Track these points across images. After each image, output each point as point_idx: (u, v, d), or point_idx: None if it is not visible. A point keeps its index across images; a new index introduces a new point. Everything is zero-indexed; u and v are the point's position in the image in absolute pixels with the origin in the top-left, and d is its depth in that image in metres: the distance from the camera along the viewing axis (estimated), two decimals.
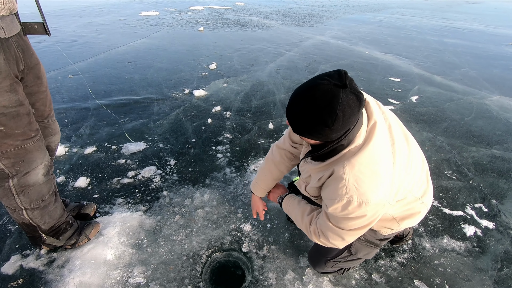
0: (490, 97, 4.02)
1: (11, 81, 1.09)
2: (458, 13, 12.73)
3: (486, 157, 2.66)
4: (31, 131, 1.22)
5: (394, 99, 3.72)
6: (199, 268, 1.56)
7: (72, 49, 4.96)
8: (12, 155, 1.19)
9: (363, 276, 1.56)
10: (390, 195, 0.95)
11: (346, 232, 1.02)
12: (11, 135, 1.15)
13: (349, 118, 0.82)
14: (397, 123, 1.06)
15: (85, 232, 1.61)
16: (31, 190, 1.31)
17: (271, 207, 1.97)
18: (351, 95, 0.80)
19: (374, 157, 0.91)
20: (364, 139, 0.93)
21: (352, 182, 0.91)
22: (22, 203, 1.32)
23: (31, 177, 1.28)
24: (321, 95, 0.80)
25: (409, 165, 1.01)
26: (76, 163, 2.28)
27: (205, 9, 9.70)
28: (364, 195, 0.90)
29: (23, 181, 1.27)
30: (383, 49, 6.06)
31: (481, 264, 1.68)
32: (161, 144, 2.56)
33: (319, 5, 12.36)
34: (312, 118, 0.82)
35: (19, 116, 1.15)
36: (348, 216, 0.96)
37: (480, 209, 2.07)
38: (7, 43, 1.08)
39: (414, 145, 1.08)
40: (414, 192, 1.08)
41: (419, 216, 1.17)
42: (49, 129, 1.48)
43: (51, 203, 1.45)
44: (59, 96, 3.32)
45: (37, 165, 1.29)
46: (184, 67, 4.44)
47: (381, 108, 1.05)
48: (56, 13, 7.77)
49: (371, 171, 0.91)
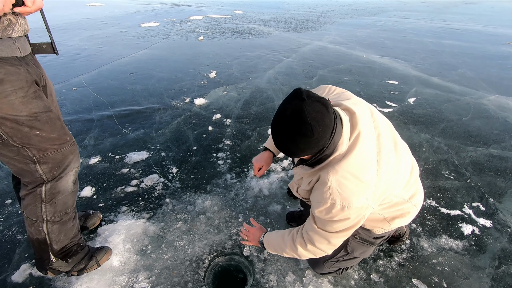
0: (487, 97, 4.05)
1: (35, 88, 1.15)
2: (455, 14, 12.82)
3: (483, 157, 2.69)
4: (65, 135, 1.27)
5: (391, 102, 3.78)
6: (202, 272, 1.60)
7: (75, 62, 5.08)
8: (50, 160, 1.22)
9: (362, 276, 1.59)
10: (373, 200, 1.01)
11: (331, 234, 1.07)
12: (48, 139, 1.19)
13: (323, 121, 0.88)
14: (388, 131, 1.11)
15: (96, 257, 1.56)
16: (58, 199, 1.33)
17: (271, 211, 2.02)
18: (313, 103, 0.87)
19: (357, 164, 0.98)
20: (348, 148, 1.00)
21: (335, 187, 0.97)
22: (46, 213, 1.32)
23: (63, 183, 1.30)
24: (291, 119, 0.88)
25: (396, 171, 1.06)
26: (81, 174, 2.35)
27: (204, 18, 9.87)
28: (346, 199, 0.97)
29: (55, 186, 1.29)
30: (381, 53, 6.14)
31: (478, 262, 1.70)
32: (163, 152, 2.63)
33: (317, 11, 12.52)
34: (295, 140, 0.90)
35: (52, 121, 1.20)
36: (332, 219, 1.02)
37: (477, 208, 2.10)
38: (24, 60, 1.15)
39: (404, 152, 1.13)
40: (401, 195, 1.14)
41: (410, 216, 1.22)
42: None
43: (71, 219, 1.45)
44: (64, 108, 3.41)
45: (70, 170, 1.31)
46: (185, 76, 4.53)
47: (373, 115, 1.10)
48: (60, 27, 7.95)
49: (353, 177, 0.97)
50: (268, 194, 2.16)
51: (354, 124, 1.02)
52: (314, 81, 4.46)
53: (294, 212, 1.92)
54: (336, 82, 4.40)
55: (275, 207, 2.04)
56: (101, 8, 12.05)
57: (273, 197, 2.13)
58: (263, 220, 1.94)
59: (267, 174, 2.36)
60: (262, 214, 1.99)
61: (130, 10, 11.52)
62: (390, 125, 1.18)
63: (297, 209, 1.97)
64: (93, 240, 1.77)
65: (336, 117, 0.95)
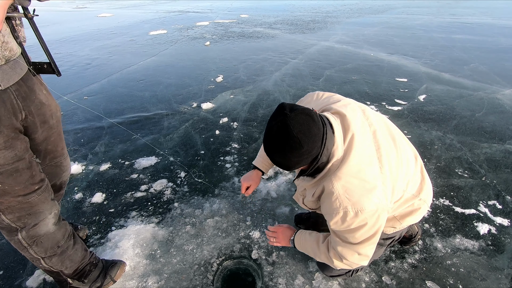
0: (502, 91, 3.93)
1: (5, 138, 1.03)
2: (466, 8, 12.52)
3: (499, 153, 2.60)
4: (33, 184, 1.15)
5: (401, 100, 3.70)
6: (211, 276, 1.60)
7: (86, 72, 5.22)
8: (16, 210, 1.14)
9: (373, 278, 1.55)
10: (386, 198, 0.97)
11: (357, 245, 1.03)
12: (11, 192, 1.09)
13: (310, 132, 0.88)
14: (383, 127, 1.09)
15: (110, 274, 1.52)
16: (43, 239, 1.25)
17: (279, 213, 2.00)
18: (297, 116, 0.88)
19: (357, 166, 0.96)
20: (344, 152, 0.98)
21: (343, 194, 0.95)
22: (37, 253, 1.27)
23: (41, 228, 1.23)
24: (277, 135, 0.89)
25: (399, 165, 1.04)
26: (92, 180, 2.40)
27: (211, 24, 9.98)
28: (357, 203, 0.94)
29: (33, 233, 1.21)
30: (389, 50, 6.04)
31: (496, 262, 1.64)
32: (171, 157, 2.65)
33: (323, 11, 12.47)
34: (286, 155, 0.90)
35: (18, 172, 1.09)
36: (350, 227, 0.99)
37: (494, 206, 2.03)
38: (3, 95, 1.02)
39: (403, 145, 1.10)
40: (409, 190, 1.11)
41: (420, 213, 1.19)
42: (61, 167, 1.46)
43: (70, 247, 1.39)
44: (76, 117, 3.50)
45: (45, 216, 1.23)
46: (192, 81, 4.58)
47: (365, 114, 1.08)
48: (71, 38, 8.20)
49: (358, 180, 0.95)
50: (276, 197, 2.14)
51: (346, 127, 1.00)
52: (321, 81, 4.43)
53: (302, 214, 1.90)
54: (343, 82, 4.35)
55: (283, 209, 2.02)
56: (111, 18, 12.36)
57: (281, 199, 2.12)
58: (271, 223, 1.93)
59: (275, 177, 2.35)
60: (270, 217, 1.98)
61: (138, 19, 11.78)
62: (385, 120, 1.16)
63: (306, 211, 1.95)
64: (104, 245, 1.80)
65: (325, 124, 0.94)
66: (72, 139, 3.02)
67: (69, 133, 3.14)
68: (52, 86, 4.59)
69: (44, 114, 1.24)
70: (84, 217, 2.03)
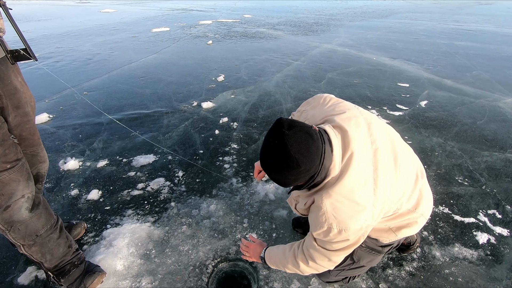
0: (503, 99, 3.91)
1: None
2: (469, 15, 12.52)
3: (500, 162, 2.58)
4: (6, 162, 1.15)
5: (402, 105, 3.69)
6: (205, 278, 1.58)
7: (87, 67, 5.19)
8: None
9: (370, 285, 1.53)
10: (372, 218, 0.98)
11: (331, 252, 1.06)
12: None
13: (308, 151, 0.86)
14: (387, 143, 1.06)
15: (85, 282, 1.47)
16: (20, 226, 1.25)
17: (277, 216, 1.98)
18: (296, 134, 0.86)
19: (351, 187, 0.95)
20: (341, 170, 0.97)
21: (330, 211, 0.95)
22: (15, 239, 1.28)
23: (14, 212, 1.22)
24: (274, 154, 0.87)
25: (396, 187, 1.03)
26: (89, 177, 2.38)
27: (214, 23, 9.97)
28: (343, 222, 0.95)
29: (6, 216, 1.21)
30: (391, 55, 6.03)
31: (495, 273, 1.62)
32: (170, 156, 2.63)
33: (327, 14, 12.46)
34: (283, 173, 0.90)
35: None
36: (331, 241, 1.01)
37: (493, 215, 2.01)
38: None
39: (404, 164, 1.06)
40: (405, 206, 1.10)
41: (417, 226, 1.17)
42: (38, 157, 1.45)
43: (52, 240, 1.38)
44: (75, 112, 3.48)
45: (17, 198, 1.21)
46: (193, 80, 4.56)
47: (371, 129, 1.04)
48: (74, 33, 8.18)
49: (348, 200, 0.95)
50: (274, 199, 2.12)
51: (346, 144, 0.98)
52: (323, 84, 4.41)
53: (300, 217, 1.88)
54: (345, 85, 4.34)
55: (281, 212, 2.00)
56: (114, 14, 12.35)
57: (279, 202, 2.10)
58: (269, 225, 1.91)
59: None
60: (267, 219, 1.95)
61: (141, 15, 11.76)
62: (391, 134, 1.12)
63: None
64: (98, 243, 1.77)
65: (324, 142, 0.92)
66: (70, 135, 2.99)
67: (67, 128, 3.12)
68: (52, 80, 4.53)
69: (19, 100, 1.25)
70: (79, 214, 2.01)
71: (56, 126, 3.16)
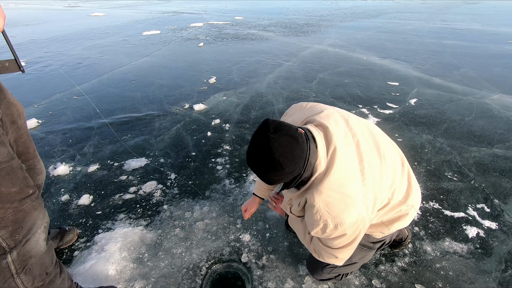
0: (490, 96, 4.00)
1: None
2: (457, 14, 12.77)
3: (487, 157, 2.64)
4: (28, 187, 1.05)
5: (392, 103, 3.74)
6: (199, 280, 1.57)
7: (77, 71, 5.13)
8: (9, 222, 0.99)
9: (363, 282, 1.55)
10: (367, 209, 0.99)
11: (335, 250, 1.09)
12: (7, 195, 0.98)
13: (292, 154, 0.88)
14: (367, 136, 1.08)
15: None
16: (33, 264, 1.10)
17: (270, 216, 1.98)
18: (280, 137, 0.88)
19: (339, 180, 0.97)
20: (327, 165, 0.99)
21: (323, 207, 0.97)
22: (23, 284, 1.08)
23: (32, 245, 1.08)
24: (259, 157, 0.90)
25: (384, 175, 1.04)
26: (80, 182, 2.35)
27: (205, 25, 9.96)
28: (337, 217, 0.97)
29: (24, 252, 1.05)
30: (381, 54, 6.11)
31: (484, 265, 1.65)
32: (162, 159, 2.62)
33: (317, 15, 12.56)
34: (268, 175, 0.92)
35: (14, 172, 1.00)
36: (329, 237, 1.03)
37: (482, 209, 2.05)
38: None
39: (388, 152, 1.09)
40: (396, 197, 1.11)
41: (408, 218, 1.19)
42: (35, 169, 1.37)
43: (57, 276, 1.22)
44: (64, 117, 3.43)
45: (37, 228, 1.09)
46: (185, 82, 4.54)
47: (349, 124, 1.07)
48: (62, 37, 8.08)
49: (339, 194, 0.96)
50: (267, 200, 2.12)
51: (329, 139, 1.00)
52: (314, 84, 4.44)
53: None
54: (336, 85, 4.38)
55: (273, 212, 2.01)
56: (104, 18, 12.24)
57: None
58: (262, 225, 1.91)
59: None
60: (260, 220, 1.96)
61: (132, 19, 11.68)
62: (370, 127, 1.15)
63: None
64: (90, 248, 1.75)
65: (308, 140, 0.94)
66: (60, 140, 2.95)
67: (57, 133, 3.08)
68: (41, 85, 4.47)
69: (12, 114, 1.18)
70: (70, 220, 1.98)
71: (46, 132, 3.11)
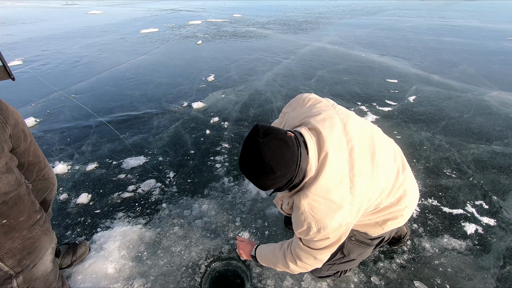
0: (489, 93, 4.00)
1: (5, 159, 0.89)
2: (455, 11, 12.76)
3: (486, 154, 2.64)
4: (35, 212, 0.99)
5: (391, 101, 3.73)
6: (198, 278, 1.57)
7: (74, 70, 5.11)
8: (17, 251, 0.94)
9: (362, 279, 1.55)
10: (351, 215, 1.00)
11: (316, 251, 1.09)
12: (16, 225, 0.92)
13: (283, 158, 0.88)
14: (364, 141, 1.06)
15: None
16: (38, 283, 1.06)
17: (269, 214, 1.98)
18: (270, 141, 0.88)
19: (326, 186, 0.97)
20: (316, 171, 0.99)
21: (308, 210, 0.98)
22: None
23: (39, 269, 1.04)
24: (250, 161, 0.91)
25: (374, 184, 1.04)
26: (78, 180, 2.34)
27: (203, 23, 9.92)
28: (320, 221, 0.98)
29: (30, 275, 1.01)
30: (380, 52, 6.10)
31: (482, 262, 1.65)
32: (160, 157, 2.61)
33: (316, 12, 12.53)
34: (260, 179, 0.93)
35: (21, 199, 0.93)
36: (312, 239, 1.04)
37: (481, 206, 2.05)
38: None
39: (383, 161, 1.07)
40: (387, 201, 1.12)
41: (403, 218, 1.19)
42: (49, 179, 1.29)
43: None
44: (62, 116, 3.42)
45: (45, 252, 1.05)
46: (183, 80, 4.53)
47: (346, 128, 1.05)
48: (59, 35, 8.03)
49: (324, 199, 0.97)
50: (266, 197, 2.13)
51: (321, 145, 0.99)
52: (313, 81, 4.43)
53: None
54: (335, 82, 4.37)
55: (272, 210, 2.01)
56: (101, 16, 12.18)
57: (270, 200, 2.10)
58: (261, 223, 1.91)
59: None
60: (260, 218, 1.96)
61: (129, 17, 11.63)
62: (370, 130, 1.12)
63: None
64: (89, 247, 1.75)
65: (300, 146, 0.95)
66: (58, 138, 2.94)
67: (55, 132, 3.06)
68: (38, 84, 4.45)
69: (18, 123, 1.09)
70: (68, 219, 1.97)
71: (44, 130, 3.10)
